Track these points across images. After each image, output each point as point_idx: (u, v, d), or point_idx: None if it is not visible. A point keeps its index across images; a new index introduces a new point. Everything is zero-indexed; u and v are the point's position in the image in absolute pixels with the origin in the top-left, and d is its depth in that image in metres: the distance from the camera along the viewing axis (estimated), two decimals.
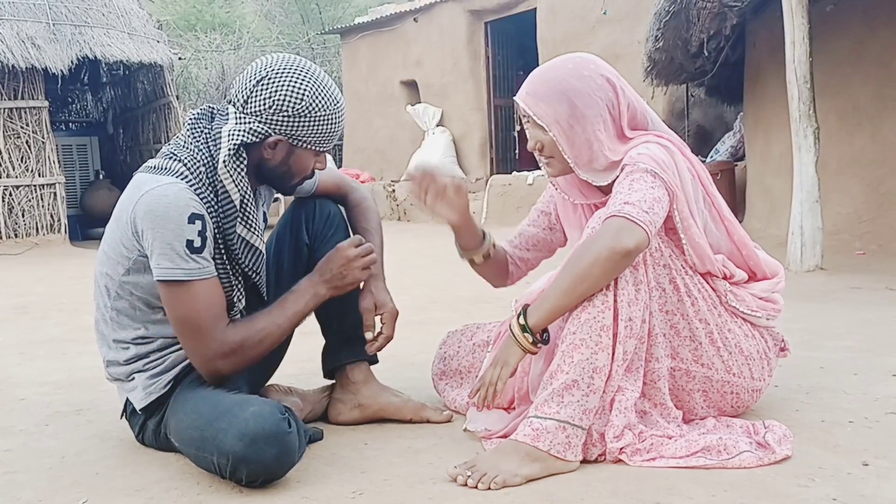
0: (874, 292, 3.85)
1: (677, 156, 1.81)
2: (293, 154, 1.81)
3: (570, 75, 1.83)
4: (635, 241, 1.64)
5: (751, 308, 1.86)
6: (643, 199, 1.69)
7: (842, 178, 5.22)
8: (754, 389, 1.88)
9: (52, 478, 1.76)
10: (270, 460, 1.57)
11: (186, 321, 1.72)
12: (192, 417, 1.69)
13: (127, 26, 9.50)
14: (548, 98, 1.82)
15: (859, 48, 5.21)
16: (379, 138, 11.97)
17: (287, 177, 1.86)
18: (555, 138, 1.83)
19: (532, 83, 1.86)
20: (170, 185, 1.70)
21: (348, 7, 18.70)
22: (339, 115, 1.81)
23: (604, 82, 1.83)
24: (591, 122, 1.82)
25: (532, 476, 1.60)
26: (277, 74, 1.74)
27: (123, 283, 1.78)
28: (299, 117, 1.75)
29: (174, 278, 1.69)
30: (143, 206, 1.69)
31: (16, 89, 8.83)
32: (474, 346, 2.12)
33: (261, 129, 1.75)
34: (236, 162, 1.76)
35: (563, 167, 1.89)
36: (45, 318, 4.27)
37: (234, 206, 1.77)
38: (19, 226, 8.87)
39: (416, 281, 4.95)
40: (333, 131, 1.81)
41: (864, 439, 1.77)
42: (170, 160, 1.76)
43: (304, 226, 2.05)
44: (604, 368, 1.65)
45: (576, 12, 9.19)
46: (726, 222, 1.89)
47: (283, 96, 1.73)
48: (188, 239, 1.68)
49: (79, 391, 2.53)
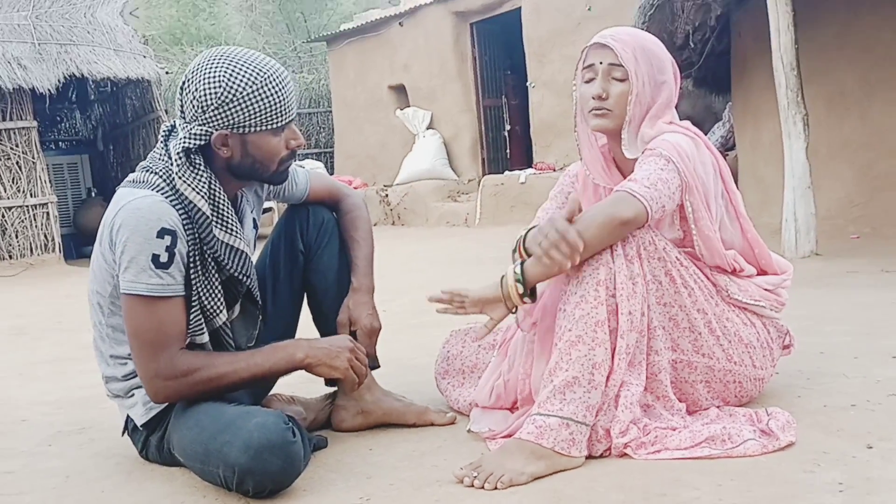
0: (870, 276, 3.86)
1: (702, 149, 1.84)
2: (248, 143, 1.75)
3: (651, 41, 1.88)
4: (633, 212, 1.70)
5: (754, 298, 1.87)
6: (647, 177, 1.74)
7: (832, 164, 5.24)
8: (757, 378, 1.89)
9: (57, 498, 1.75)
10: (276, 471, 1.57)
11: (138, 336, 1.70)
12: (195, 431, 1.68)
13: (112, 43, 9.48)
14: (634, 49, 1.84)
15: (844, 33, 5.23)
16: (369, 144, 11.96)
17: (260, 167, 1.79)
18: (631, 87, 1.83)
19: (617, 34, 1.87)
20: (144, 199, 1.70)
21: (333, 15, 18.68)
22: (270, 84, 1.70)
23: (672, 63, 1.89)
24: (659, 89, 1.86)
25: (538, 474, 1.60)
26: (193, 72, 1.72)
27: (114, 300, 1.78)
28: (227, 105, 1.69)
29: (134, 292, 1.68)
30: (119, 220, 1.70)
31: (4, 110, 8.79)
32: (479, 346, 2.12)
33: (199, 130, 1.72)
34: (190, 169, 1.74)
35: (616, 123, 1.87)
36: (43, 338, 4.26)
37: (204, 214, 1.75)
38: (13, 247, 8.84)
39: (412, 285, 4.95)
40: (274, 102, 1.71)
41: (866, 422, 1.77)
42: (146, 173, 1.77)
43: (298, 234, 2.05)
44: (603, 363, 1.66)
45: (560, 10, 9.20)
46: (741, 219, 1.92)
47: (203, 91, 1.69)
48: (154, 253, 1.67)
49: (80, 410, 2.53)
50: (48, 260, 8.90)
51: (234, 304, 1.88)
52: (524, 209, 8.58)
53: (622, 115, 1.85)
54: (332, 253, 2.05)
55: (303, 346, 1.79)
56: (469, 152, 10.79)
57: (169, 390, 1.72)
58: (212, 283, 1.79)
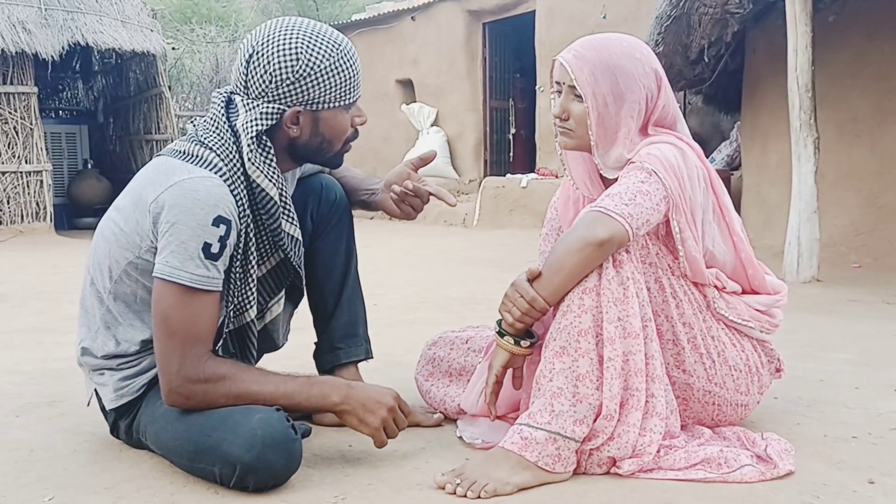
0: (871, 305, 3.80)
1: (690, 160, 1.73)
2: (320, 120, 1.65)
3: (623, 53, 1.75)
4: (609, 232, 1.59)
5: (742, 317, 1.78)
6: (625, 192, 1.64)
7: (839, 190, 5.18)
8: (738, 404, 1.80)
9: (18, 472, 1.67)
10: (279, 468, 1.50)
11: (170, 326, 1.54)
12: (181, 427, 1.57)
13: (120, 14, 9.40)
14: (594, 66, 1.74)
15: (860, 60, 5.18)
16: (373, 137, 11.88)
17: (327, 146, 1.70)
18: (587, 110, 1.74)
19: (581, 47, 1.77)
20: (203, 180, 1.56)
21: (346, 5, 18.61)
22: (346, 58, 1.63)
23: (651, 72, 1.77)
24: (627, 106, 1.74)
25: (523, 485, 1.53)
26: (264, 45, 1.60)
27: (129, 271, 1.64)
28: (305, 79, 1.60)
29: (177, 280, 1.53)
30: (170, 198, 1.54)
31: (5, 74, 8.71)
32: (469, 349, 2.04)
33: (272, 108, 1.61)
34: (262, 153, 1.62)
35: (579, 142, 1.80)
36: (24, 306, 4.16)
37: (275, 202, 1.65)
38: (4, 213, 8.75)
39: (406, 280, 4.88)
40: (349, 77, 1.63)
41: (868, 456, 1.71)
42: (201, 148, 1.62)
43: (308, 209, 1.94)
44: (588, 375, 1.57)
45: (575, 16, 9.14)
46: (735, 237, 1.81)
47: (279, 65, 1.59)
48: (206, 242, 1.53)
49: (53, 382, 2.44)
50: (38, 228, 8.82)
51: (279, 294, 1.81)
52: (523, 213, 8.52)
53: (585, 135, 1.77)
54: (340, 232, 1.98)
55: (341, 389, 1.62)
56: (472, 152, 10.73)
57: (188, 393, 1.55)
58: (249, 277, 1.68)
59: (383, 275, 4.95)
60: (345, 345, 1.98)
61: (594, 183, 1.89)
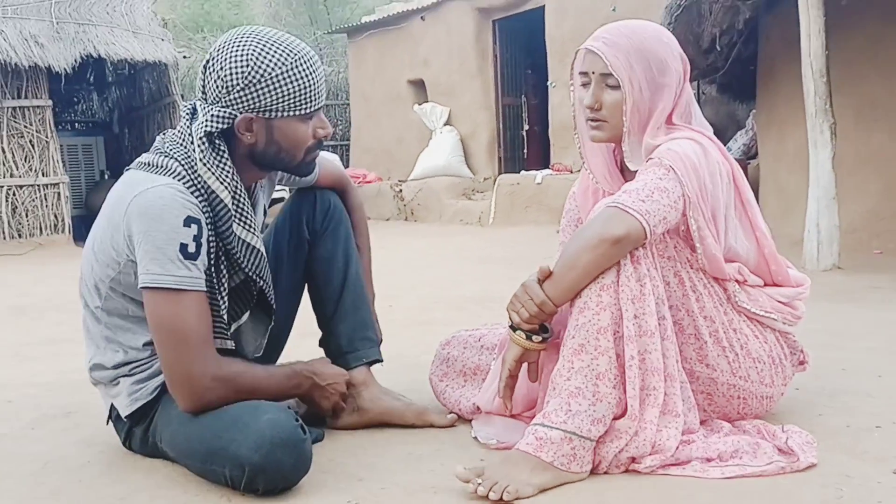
0: (894, 292, 3.73)
1: (712, 156, 1.70)
2: (274, 128, 1.65)
3: (652, 37, 1.72)
4: (625, 229, 1.56)
5: (764, 309, 1.75)
6: (643, 188, 1.61)
7: (858, 176, 5.10)
8: (764, 396, 1.76)
9: (33, 485, 1.67)
10: (288, 469, 1.49)
11: (169, 333, 1.56)
12: (194, 429, 1.58)
13: (131, 24, 9.44)
14: (627, 53, 1.70)
15: (875, 44, 5.10)
16: (386, 138, 11.88)
17: (286, 155, 1.69)
18: (623, 97, 1.70)
19: (609, 34, 1.73)
20: (166, 187, 1.58)
21: (356, 8, 18.64)
22: (301, 67, 1.61)
23: (678, 55, 1.74)
24: (660, 92, 1.71)
25: (544, 486, 1.51)
26: (218, 51, 1.62)
27: (114, 286, 1.66)
28: (255, 86, 1.59)
29: (162, 285, 1.55)
30: (136, 208, 1.57)
31: (19, 88, 8.76)
32: (482, 347, 2.02)
33: (223, 113, 1.61)
34: (215, 155, 1.63)
35: (612, 133, 1.76)
36: (42, 318, 4.19)
37: (226, 206, 1.65)
38: (23, 226, 8.82)
39: (422, 280, 4.86)
40: (304, 86, 1.62)
41: (892, 446, 1.67)
42: (163, 157, 1.65)
43: (304, 221, 1.96)
44: (607, 374, 1.54)
45: (584, 9, 9.07)
46: (758, 233, 1.78)
47: (229, 70, 1.59)
48: (182, 243, 1.55)
49: (69, 393, 2.44)
50: (57, 240, 8.87)
51: (246, 311, 1.79)
52: (539, 210, 8.47)
53: (619, 124, 1.73)
54: (336, 238, 1.97)
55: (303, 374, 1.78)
56: (486, 150, 10.69)
57: (212, 394, 1.57)
58: (220, 285, 1.68)
59: (399, 276, 4.93)
60: (352, 349, 1.96)
61: (614, 177, 1.86)
